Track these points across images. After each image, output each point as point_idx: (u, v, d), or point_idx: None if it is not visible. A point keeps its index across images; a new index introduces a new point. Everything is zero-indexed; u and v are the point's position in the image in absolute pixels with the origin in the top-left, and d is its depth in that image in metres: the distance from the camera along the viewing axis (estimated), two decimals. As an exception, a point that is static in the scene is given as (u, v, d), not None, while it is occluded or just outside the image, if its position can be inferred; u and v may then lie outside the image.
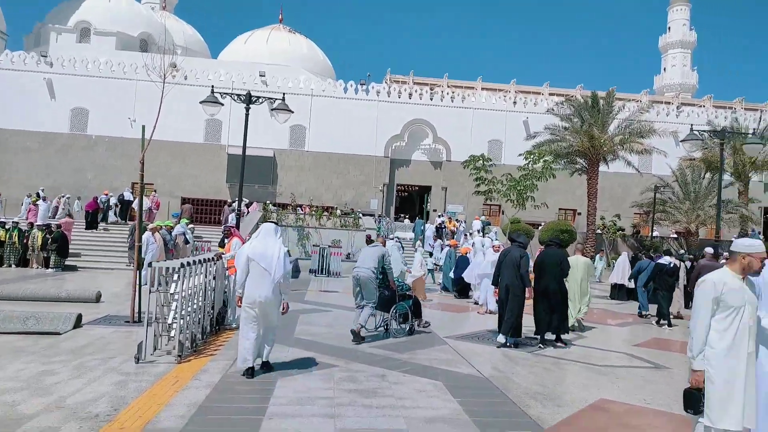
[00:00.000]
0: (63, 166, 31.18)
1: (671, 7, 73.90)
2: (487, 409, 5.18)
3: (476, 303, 12.97)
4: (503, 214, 33.41)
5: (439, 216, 28.57)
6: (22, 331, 7.69)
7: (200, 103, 12.37)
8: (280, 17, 46.87)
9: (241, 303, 6.01)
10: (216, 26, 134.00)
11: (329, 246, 21.07)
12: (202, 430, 4.36)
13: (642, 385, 6.44)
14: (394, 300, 8.74)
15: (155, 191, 29.44)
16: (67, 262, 17.30)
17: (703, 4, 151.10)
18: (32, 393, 5.06)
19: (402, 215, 34.11)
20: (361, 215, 26.50)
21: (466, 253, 15.10)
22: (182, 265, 6.39)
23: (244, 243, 8.85)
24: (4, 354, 6.47)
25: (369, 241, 10.30)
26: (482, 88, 42.14)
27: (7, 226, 17.58)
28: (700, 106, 42.61)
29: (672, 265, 11.99)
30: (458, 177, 32.84)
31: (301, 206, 26.77)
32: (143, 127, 8.13)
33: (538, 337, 8.60)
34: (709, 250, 12.07)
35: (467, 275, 13.45)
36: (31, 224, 18.43)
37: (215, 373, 5.98)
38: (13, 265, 17.19)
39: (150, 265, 6.55)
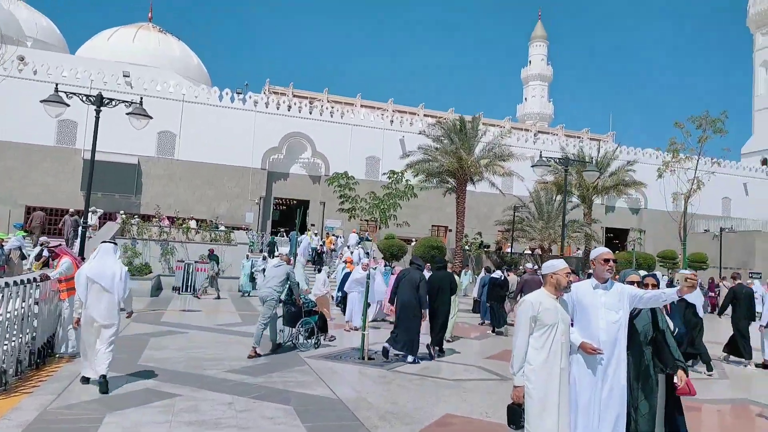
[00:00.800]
0: None
1: (532, 42, 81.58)
2: (330, 429, 5.10)
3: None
4: (380, 229, 34.15)
5: (315, 234, 28.33)
6: None
7: (41, 102, 11.03)
8: (150, 15, 44.07)
9: (78, 324, 6.28)
10: (76, 20, 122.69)
11: (195, 261, 19.93)
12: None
13: (486, 397, 6.78)
14: (300, 315, 9.41)
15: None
16: None
17: (560, 41, 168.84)
18: None
19: (281, 229, 33.41)
20: (233, 229, 25.46)
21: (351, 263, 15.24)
22: None
23: (76, 263, 7.98)
24: None
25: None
26: (361, 105, 42.97)
27: None
28: (554, 134, 47.25)
29: (502, 278, 13.18)
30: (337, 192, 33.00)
31: (168, 218, 25.06)
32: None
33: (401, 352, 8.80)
34: (529, 265, 13.37)
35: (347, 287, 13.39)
36: None
37: (31, 410, 5.24)
38: None
39: None
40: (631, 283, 4.29)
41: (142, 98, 12.36)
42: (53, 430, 4.77)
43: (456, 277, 11.33)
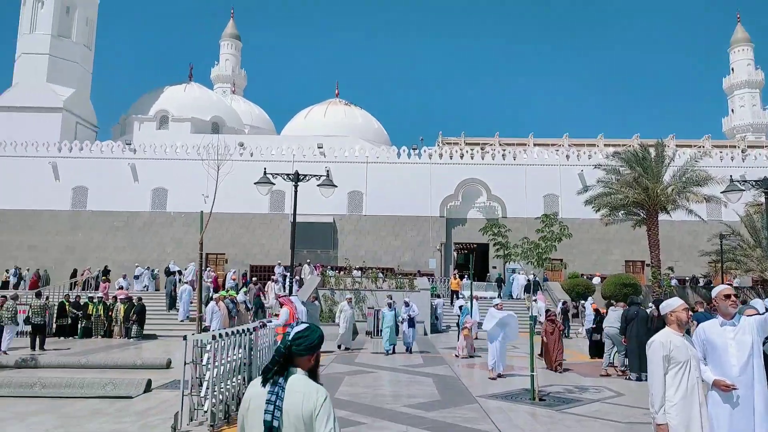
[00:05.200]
0: (145, 242, 34.19)
1: (732, 48, 72.14)
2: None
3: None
4: (565, 269, 32.92)
5: (521, 272, 29.32)
6: (101, 395, 8.87)
7: (255, 183, 13.87)
8: (337, 91, 50.16)
9: None
10: (280, 103, 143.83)
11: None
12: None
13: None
14: None
15: (214, 267, 31.70)
16: (146, 332, 18.94)
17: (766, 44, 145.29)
18: (104, 447, 6.04)
19: (464, 272, 34.26)
20: (418, 275, 27.14)
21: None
22: (213, 338, 7.16)
23: (293, 311, 9.84)
24: (85, 415, 7.60)
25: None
26: (534, 144, 42.58)
27: (94, 300, 19.65)
28: (769, 147, 40.77)
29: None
30: (515, 233, 32.92)
31: (360, 269, 27.80)
32: (201, 212, 9.42)
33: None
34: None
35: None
36: (115, 298, 20.43)
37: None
38: (100, 336, 19.06)
39: (185, 338, 7.30)
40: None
41: (329, 171, 14.67)
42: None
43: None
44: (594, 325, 18.02)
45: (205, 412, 7.07)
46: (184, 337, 7.08)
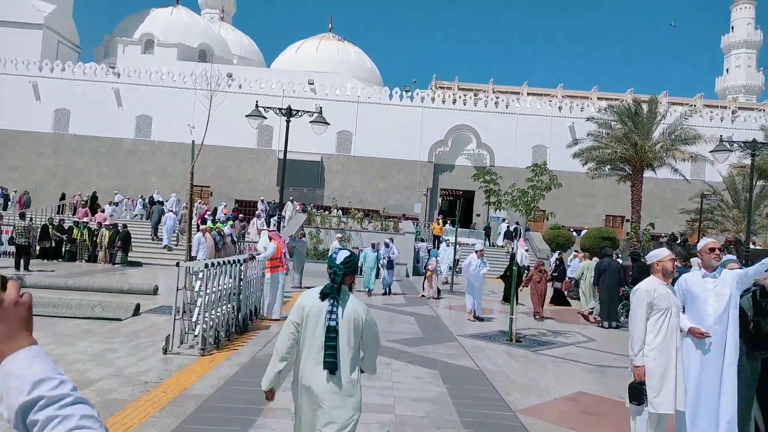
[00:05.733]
0: (129, 170, 33.72)
1: (735, 5, 70.72)
2: (468, 393, 5.95)
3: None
4: (547, 219, 33.45)
5: (503, 221, 29.77)
6: (90, 316, 9.02)
7: (246, 116, 13.62)
8: (330, 26, 48.51)
9: None
10: (271, 35, 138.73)
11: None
12: (226, 396, 5.37)
13: (626, 382, 6.96)
14: None
15: (202, 200, 31.48)
16: (131, 259, 19.05)
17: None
18: (97, 364, 6.23)
19: (447, 218, 34.68)
20: (403, 218, 27.40)
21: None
22: (206, 266, 7.24)
23: (280, 246, 9.96)
24: (75, 334, 7.76)
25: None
26: (528, 93, 42.13)
27: (79, 225, 19.57)
28: (760, 110, 40.91)
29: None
30: (502, 182, 33.14)
31: (342, 209, 27.92)
32: (193, 141, 9.31)
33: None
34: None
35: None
36: (100, 224, 20.35)
37: (246, 355, 7.02)
38: (84, 261, 19.13)
39: (177, 264, 7.36)
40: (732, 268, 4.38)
41: (321, 108, 14.41)
42: (260, 368, 6.40)
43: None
44: (556, 274, 18.74)
45: (196, 336, 7.27)
46: (177, 264, 7.16)
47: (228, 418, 4.87)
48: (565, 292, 17.13)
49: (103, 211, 23.70)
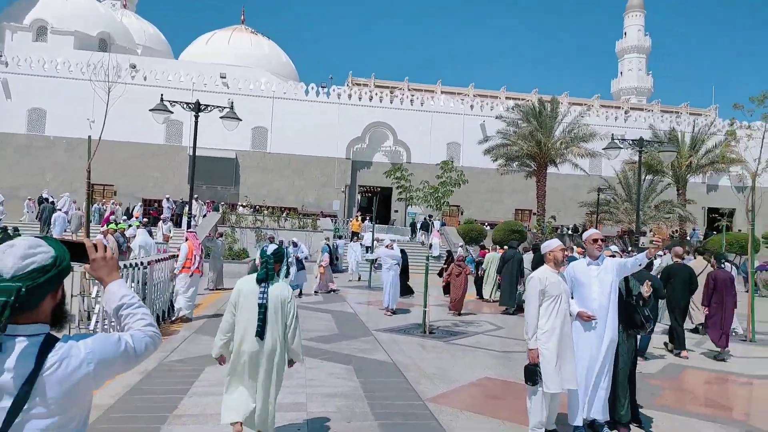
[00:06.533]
0: (22, 167, 30.95)
1: (627, 13, 76.76)
2: (380, 386, 6.08)
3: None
4: (461, 214, 34.66)
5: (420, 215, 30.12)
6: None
7: (150, 111, 12.93)
8: (242, 18, 47.13)
9: None
10: (178, 25, 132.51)
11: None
12: (129, 406, 5.13)
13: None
14: None
15: (110, 199, 29.57)
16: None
17: (658, 11, 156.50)
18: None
19: (366, 215, 34.92)
20: (321, 216, 27.27)
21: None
22: None
23: (192, 247, 9.63)
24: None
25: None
26: (442, 92, 43.32)
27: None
28: (648, 110, 44.76)
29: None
30: (419, 178, 33.88)
31: (257, 207, 27.29)
32: (89, 137, 8.74)
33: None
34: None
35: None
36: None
37: (151, 361, 6.71)
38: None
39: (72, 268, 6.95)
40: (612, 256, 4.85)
41: (233, 103, 13.99)
42: (166, 376, 6.16)
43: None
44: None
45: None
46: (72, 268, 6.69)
47: (130, 428, 4.66)
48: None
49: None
